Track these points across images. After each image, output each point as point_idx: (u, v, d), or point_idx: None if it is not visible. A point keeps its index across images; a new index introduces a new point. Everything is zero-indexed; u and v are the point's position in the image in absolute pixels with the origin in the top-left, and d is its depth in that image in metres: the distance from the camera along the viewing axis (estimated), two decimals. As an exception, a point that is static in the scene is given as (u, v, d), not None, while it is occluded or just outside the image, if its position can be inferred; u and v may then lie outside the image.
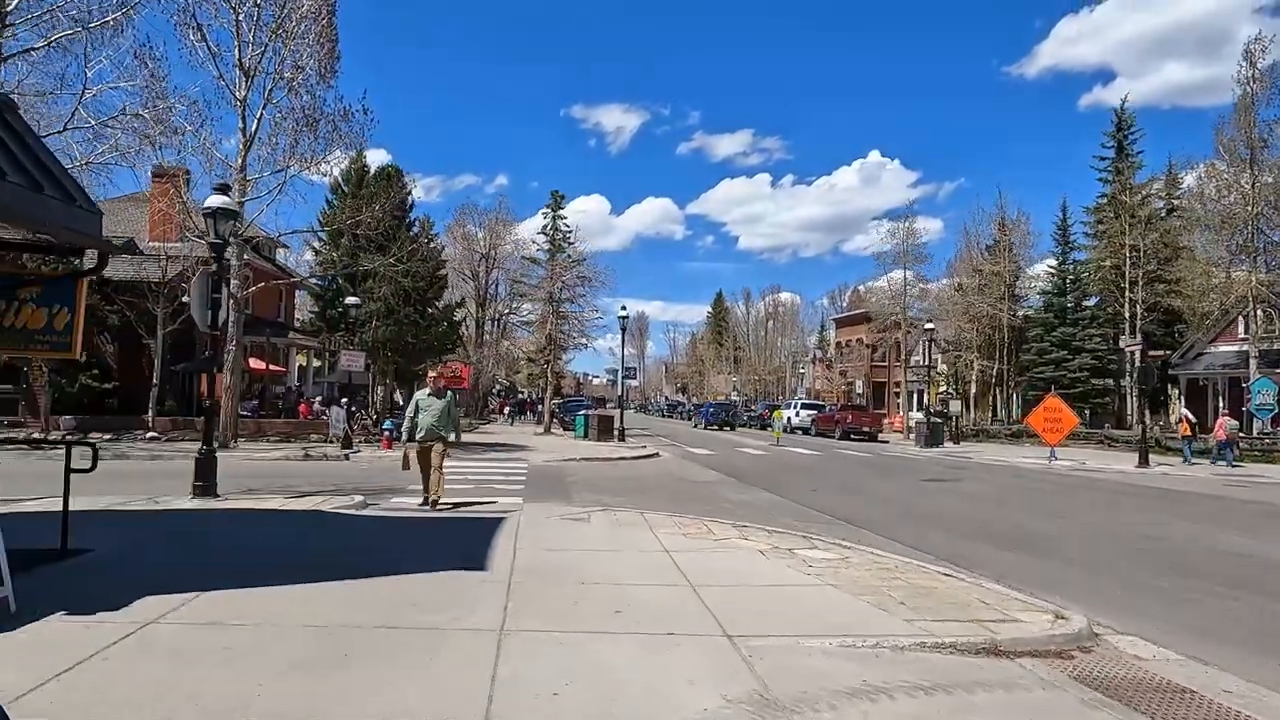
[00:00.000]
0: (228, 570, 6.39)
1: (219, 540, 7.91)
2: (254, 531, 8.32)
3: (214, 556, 7.11)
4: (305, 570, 6.41)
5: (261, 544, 7.64)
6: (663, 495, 14.11)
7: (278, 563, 6.79)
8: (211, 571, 6.35)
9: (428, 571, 6.47)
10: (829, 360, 79.17)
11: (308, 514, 9.77)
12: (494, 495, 13.22)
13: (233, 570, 6.38)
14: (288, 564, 6.75)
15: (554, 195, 45.28)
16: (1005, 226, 41.50)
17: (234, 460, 18.63)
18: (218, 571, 6.35)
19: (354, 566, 6.59)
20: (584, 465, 20.27)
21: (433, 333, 23.58)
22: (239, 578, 6.07)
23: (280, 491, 12.87)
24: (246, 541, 7.78)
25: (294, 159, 19.95)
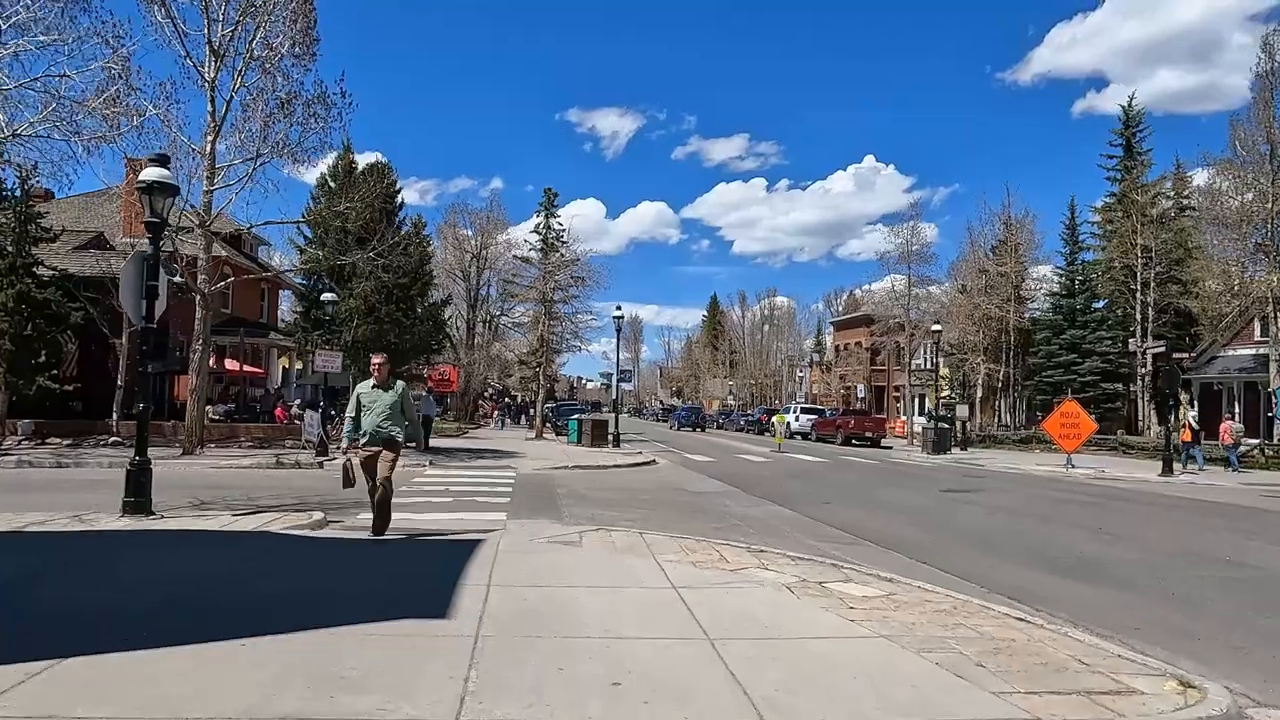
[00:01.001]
0: (118, 621, 5.01)
1: (130, 574, 6.52)
2: (176, 563, 6.92)
3: (112, 598, 5.72)
4: (219, 621, 5.03)
5: (177, 581, 6.24)
6: (663, 510, 12.75)
7: (186, 610, 5.40)
8: (96, 623, 4.98)
9: (376, 620, 5.10)
10: (826, 364, 77.99)
11: (253, 537, 8.37)
12: (475, 509, 11.84)
13: (124, 622, 5.00)
14: (198, 612, 5.37)
15: (547, 193, 44.02)
16: (1011, 226, 40.30)
17: (196, 468, 17.21)
18: (105, 623, 4.97)
19: (283, 615, 5.22)
20: (576, 474, 18.89)
21: (417, 332, 22.15)
22: (127, 633, 4.69)
23: (233, 505, 11.47)
24: (162, 577, 6.39)
25: (266, 144, 18.56)
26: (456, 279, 54.00)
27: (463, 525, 10.12)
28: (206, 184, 19.11)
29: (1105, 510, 14.25)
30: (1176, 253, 35.40)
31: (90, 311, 22.58)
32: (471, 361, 51.17)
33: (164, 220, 9.38)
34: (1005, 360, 39.00)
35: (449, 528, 9.94)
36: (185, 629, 4.84)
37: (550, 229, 41.90)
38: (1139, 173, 37.73)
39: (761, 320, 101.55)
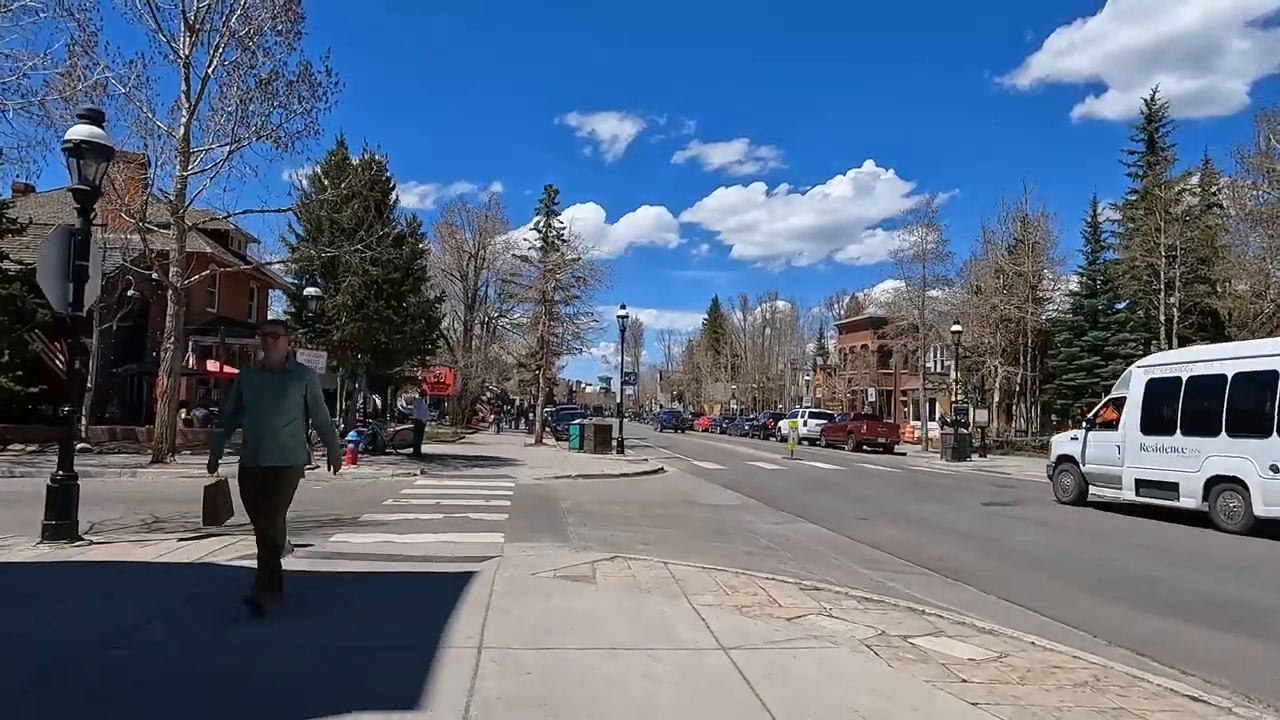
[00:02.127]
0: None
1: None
2: (74, 614, 5.40)
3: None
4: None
5: (54, 649, 4.72)
6: (682, 528, 11.24)
7: (39, 700, 3.90)
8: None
9: (316, 717, 3.60)
10: (830, 368, 76.55)
11: (191, 571, 6.86)
12: (468, 528, 10.33)
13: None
14: (59, 701, 3.86)
15: (548, 190, 42.48)
16: (1028, 224, 38.84)
17: (163, 478, 15.69)
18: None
19: (174, 711, 3.71)
20: (580, 485, 17.38)
21: (409, 331, 20.64)
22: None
23: (190, 525, 9.95)
24: (42, 640, 4.86)
25: (244, 125, 17.02)
26: (454, 279, 52.50)
27: (452, 550, 8.62)
28: (180, 169, 17.59)
29: (1170, 531, 12.74)
30: (1202, 251, 33.95)
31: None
32: (469, 364, 49.64)
33: (95, 188, 7.88)
34: (1023, 363, 37.50)
35: (436, 552, 8.44)
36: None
37: (551, 227, 40.40)
38: (1162, 169, 36.28)
39: (763, 323, 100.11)
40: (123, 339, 23.83)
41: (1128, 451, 14.18)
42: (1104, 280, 37.13)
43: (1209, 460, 12.64)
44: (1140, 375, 14.47)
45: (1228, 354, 13.43)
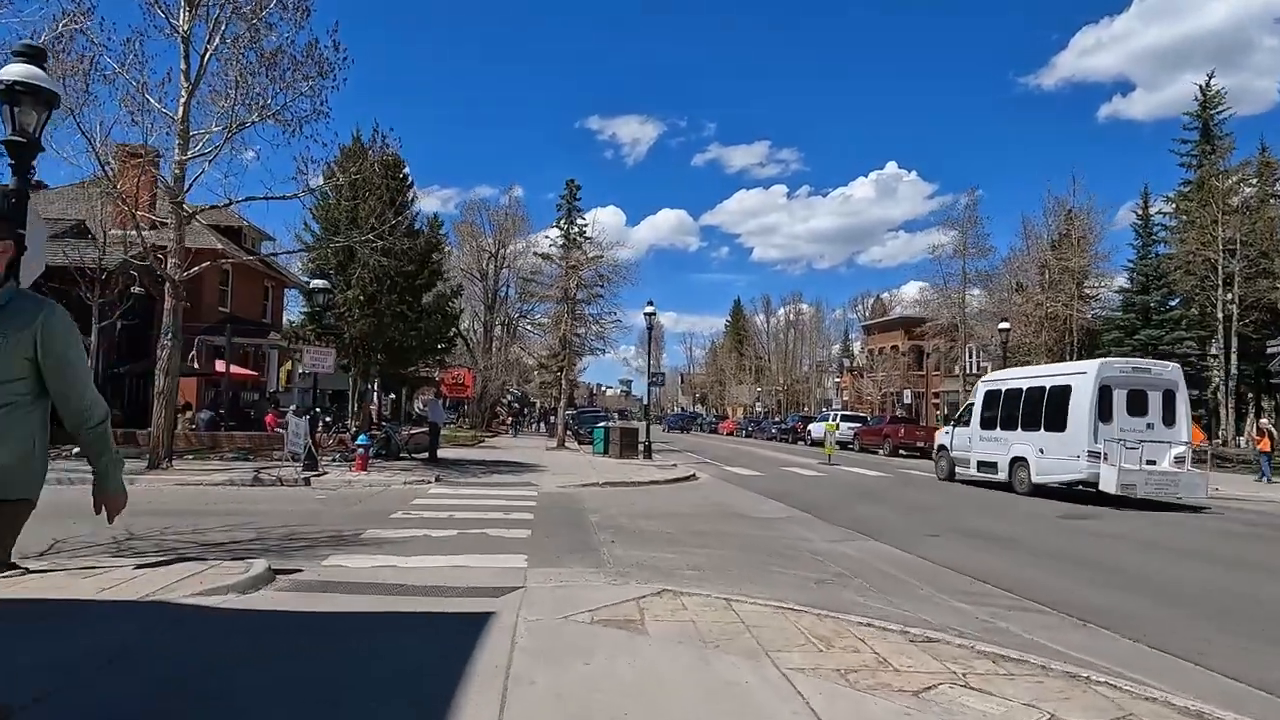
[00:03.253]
0: None
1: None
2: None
3: None
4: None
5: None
6: (730, 546, 9.74)
7: None
8: None
9: None
10: (858, 369, 74.67)
11: (132, 613, 5.46)
12: (485, 548, 8.89)
13: None
14: None
15: (569, 185, 41.14)
16: (1074, 218, 36.93)
17: (155, 486, 14.40)
18: None
19: None
20: (609, 494, 15.93)
21: (424, 327, 19.29)
22: None
23: (160, 546, 8.61)
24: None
25: (245, 103, 15.74)
26: (474, 280, 51.41)
27: (465, 577, 7.19)
28: (179, 153, 16.37)
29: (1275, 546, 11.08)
30: (1264, 244, 31.94)
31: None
32: (489, 366, 48.44)
33: (34, 140, 6.54)
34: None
35: (446, 580, 7.02)
36: None
37: (573, 223, 39.05)
38: (1219, 157, 34.27)
39: (786, 325, 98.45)
40: (126, 337, 22.73)
41: (973, 441, 19.74)
42: (1156, 276, 35.14)
43: (1012, 446, 18.16)
44: (981, 387, 20.44)
45: (1027, 374, 19.72)
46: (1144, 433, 16.17)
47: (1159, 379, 16.93)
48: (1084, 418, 16.18)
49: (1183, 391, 16.91)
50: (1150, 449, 15.91)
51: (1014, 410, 18.26)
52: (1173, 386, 16.82)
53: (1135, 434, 15.96)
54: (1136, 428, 16.18)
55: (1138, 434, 15.99)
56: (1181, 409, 16.70)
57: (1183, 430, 16.63)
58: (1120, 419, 16.19)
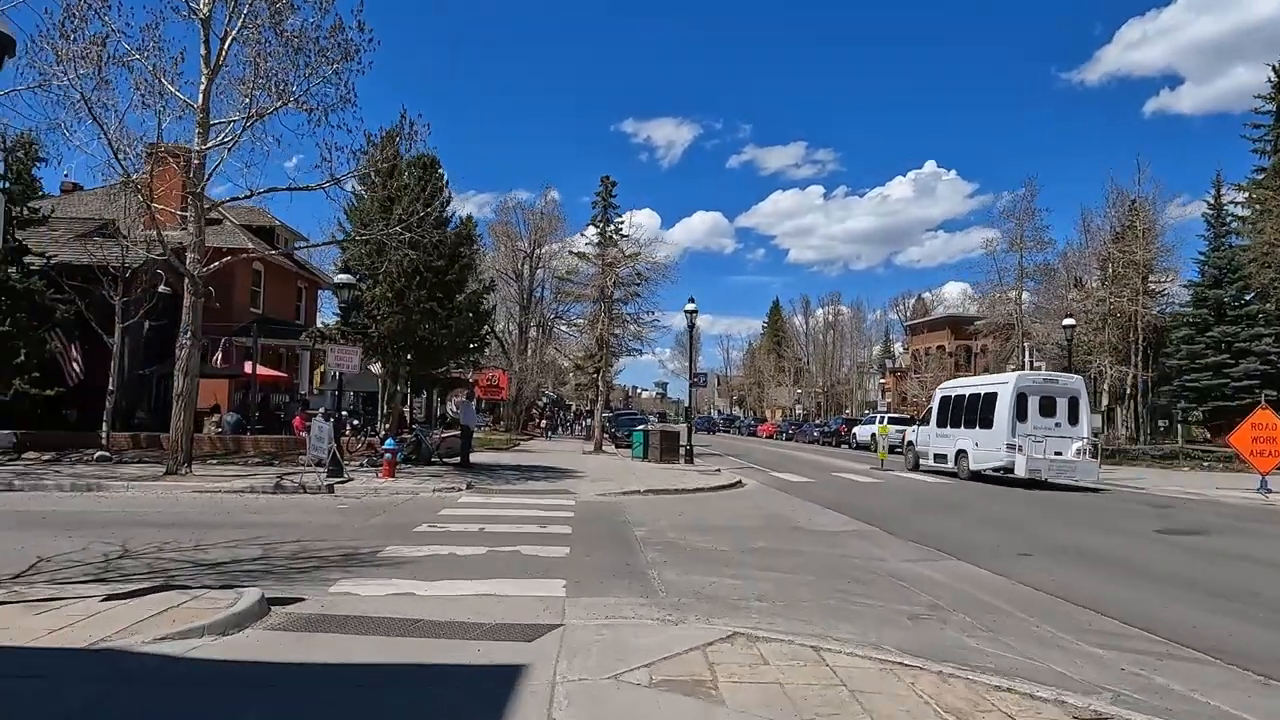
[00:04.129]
0: None
1: None
2: None
3: None
4: None
5: None
6: (798, 569, 8.47)
7: None
8: None
9: None
10: (901, 370, 72.59)
11: (78, 665, 4.39)
12: (516, 570, 7.74)
13: None
14: None
15: (604, 182, 39.94)
16: (1138, 208, 34.87)
17: (169, 495, 13.54)
18: None
19: None
20: (652, 502, 14.74)
21: (454, 325, 18.27)
22: None
23: (152, 566, 7.62)
24: None
25: (265, 87, 14.85)
26: (509, 280, 50.55)
27: (493, 610, 6.05)
28: (199, 142, 15.58)
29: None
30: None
31: (79, 304, 19.32)
32: (524, 367, 47.53)
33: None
34: (1134, 362, 33.52)
35: (470, 615, 5.89)
36: None
37: (609, 221, 37.94)
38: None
39: (825, 326, 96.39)
40: (154, 338, 22.08)
41: (930, 438, 23.55)
42: (1229, 269, 32.97)
43: (957, 441, 21.86)
44: (938, 393, 24.54)
45: (969, 383, 24.06)
46: (1052, 430, 19.90)
47: (1065, 388, 20.68)
48: (1005, 418, 20.02)
49: (1084, 398, 20.69)
50: (1056, 443, 19.76)
51: (959, 413, 22.42)
52: (1076, 394, 20.51)
53: (1044, 431, 19.78)
54: (1047, 426, 19.92)
55: (1045, 431, 19.80)
56: (1083, 412, 20.38)
57: (1084, 428, 20.32)
58: (1033, 419, 19.94)
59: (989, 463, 20.42)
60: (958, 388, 23.97)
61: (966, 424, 21.75)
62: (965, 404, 22.22)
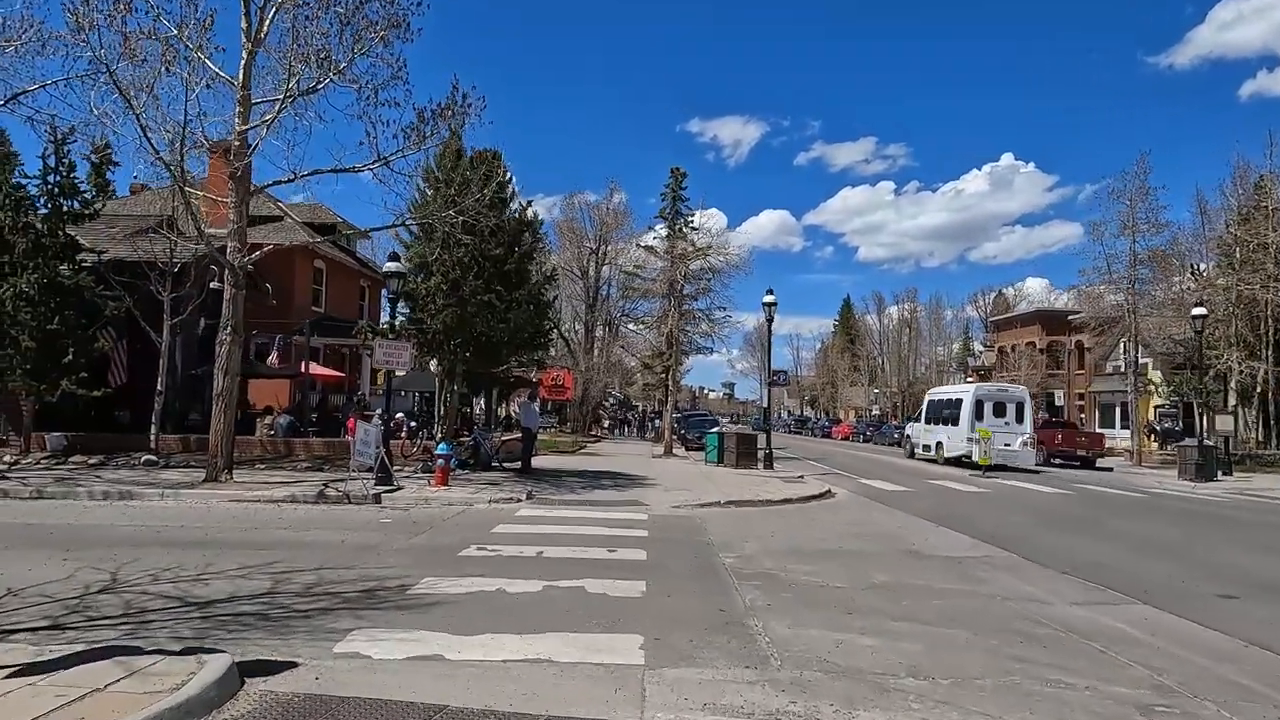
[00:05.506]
0: None
1: None
2: None
3: None
4: None
5: None
6: (934, 614, 6.49)
7: None
8: None
9: None
10: (983, 369, 68.65)
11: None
12: (578, 618, 5.98)
13: None
14: None
15: (674, 173, 38.32)
16: (1266, 187, 31.24)
17: (202, 504, 12.30)
18: None
19: None
20: (736, 517, 12.87)
21: (513, 318, 16.71)
22: None
23: (130, 605, 6.16)
24: None
25: (300, 55, 13.53)
26: (574, 277, 49.25)
27: (544, 696, 4.32)
28: (240, 122, 14.40)
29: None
30: None
31: (128, 301, 18.50)
32: (590, 367, 46.08)
33: None
34: (1264, 356, 29.93)
35: (512, 703, 4.16)
36: None
37: (679, 214, 36.17)
38: None
39: (900, 324, 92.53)
40: (208, 336, 21.23)
41: (920, 433, 29.98)
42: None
43: (938, 435, 27.84)
44: (926, 397, 32.11)
45: (945, 391, 31.36)
46: (1002, 428, 25.50)
47: (1013, 396, 27.27)
48: (967, 418, 25.82)
49: (1028, 404, 27.03)
50: (1005, 437, 25.32)
51: (938, 413, 28.85)
52: (1021, 400, 26.82)
53: (994, 427, 25.26)
54: (997, 423, 25.61)
55: (996, 427, 25.29)
56: (1027, 414, 26.45)
57: (1027, 426, 26.20)
58: (988, 419, 25.67)
59: (956, 451, 26.16)
60: (938, 394, 31.22)
61: (941, 422, 28.06)
62: (942, 406, 28.65)
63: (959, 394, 28.02)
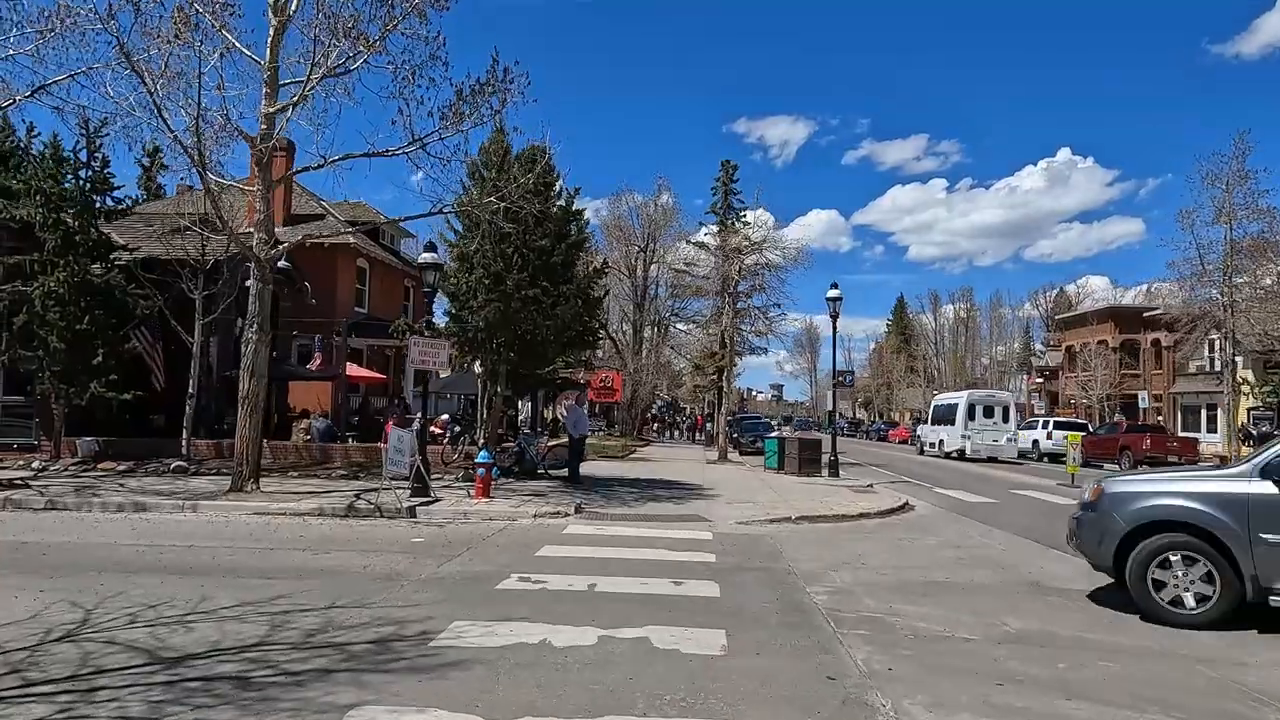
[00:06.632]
0: None
1: None
2: None
3: None
4: None
5: None
6: (1122, 691, 4.90)
7: None
8: None
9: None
10: (1049, 369, 65.52)
11: None
12: (644, 692, 4.56)
13: None
14: None
15: (725, 166, 37.15)
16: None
17: (222, 517, 11.22)
18: None
19: None
20: (810, 535, 11.32)
21: (560, 315, 15.40)
22: None
23: (86, 659, 4.91)
24: None
25: (327, 26, 12.41)
26: (622, 276, 47.95)
27: None
28: (266, 104, 13.36)
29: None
30: None
31: (159, 299, 17.70)
32: (638, 369, 44.72)
33: None
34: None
35: None
36: None
37: (730, 208, 34.67)
38: None
39: (957, 324, 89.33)
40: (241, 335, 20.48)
41: (927, 432, 36.13)
42: None
43: (940, 434, 33.45)
44: (933, 401, 39.99)
45: (946, 397, 37.64)
46: (990, 427, 30.95)
47: (999, 400, 33.14)
48: (961, 419, 31.27)
49: (1013, 407, 33.38)
50: (992, 434, 30.78)
51: (941, 414, 34.26)
52: (1008, 404, 32.99)
53: (985, 428, 30.88)
54: (987, 424, 31.04)
55: (986, 428, 30.89)
56: (1012, 415, 32.23)
57: (1012, 426, 31.71)
58: (979, 419, 31.17)
59: (952, 447, 31.66)
60: (941, 399, 37.61)
61: (944, 422, 33.42)
62: (943, 409, 34.65)
63: (956, 399, 33.91)
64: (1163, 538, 6.53)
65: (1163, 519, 6.59)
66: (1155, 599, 6.54)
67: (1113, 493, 7.09)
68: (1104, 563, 6.98)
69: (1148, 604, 6.58)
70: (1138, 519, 6.67)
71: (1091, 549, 7.10)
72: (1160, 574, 6.53)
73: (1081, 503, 7.56)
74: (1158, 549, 6.54)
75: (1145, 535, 6.62)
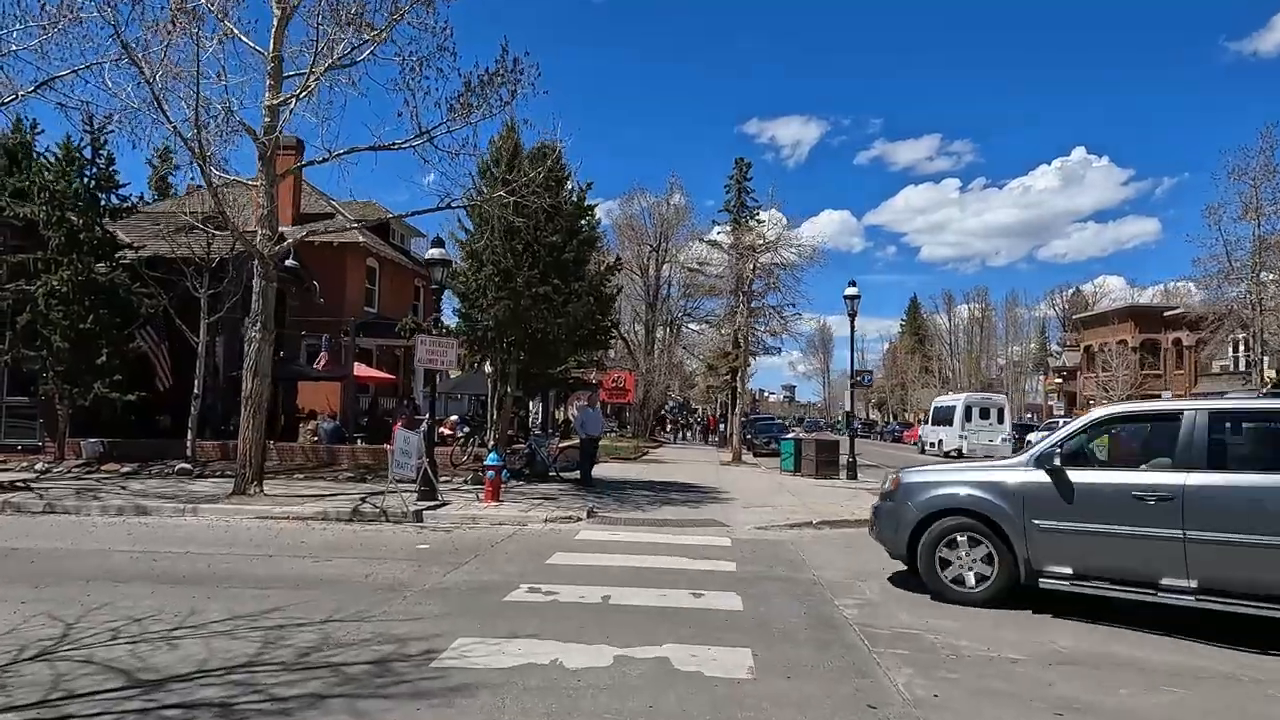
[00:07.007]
0: None
1: None
2: None
3: None
4: None
5: None
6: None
7: None
8: None
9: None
10: (1066, 369, 64.65)
11: None
12: (664, 703, 4.15)
13: None
14: None
15: (738, 164, 36.74)
16: None
17: (223, 521, 10.85)
18: None
19: None
20: (836, 541, 10.84)
21: (571, 313, 14.97)
22: None
23: (58, 680, 4.51)
24: None
25: (335, 19, 12.05)
26: (633, 276, 47.50)
27: None
28: (269, 95, 12.99)
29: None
30: None
31: (163, 298, 17.39)
32: (650, 369, 44.24)
33: None
34: None
35: None
36: None
37: (744, 205, 34.16)
38: None
39: (971, 324, 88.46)
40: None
41: (928, 433, 38.40)
42: None
43: (940, 434, 35.39)
44: (933, 403, 41.48)
45: (944, 399, 39.96)
46: (985, 428, 33.04)
47: (994, 402, 35.00)
48: (958, 419, 33.68)
49: (1008, 408, 35.29)
50: (988, 435, 32.50)
51: (940, 416, 36.59)
52: (1002, 405, 34.71)
53: (981, 428, 33.00)
54: (983, 424, 33.22)
55: (981, 428, 33.01)
56: (1006, 416, 34.21)
57: (1006, 426, 33.58)
58: (975, 420, 33.46)
59: (949, 446, 33.07)
60: (940, 401, 39.37)
61: (942, 423, 35.60)
62: (942, 411, 36.71)
63: (954, 401, 36.20)
64: (950, 519, 7.02)
65: (951, 507, 7.07)
66: (940, 576, 7.04)
67: (908, 483, 7.55)
68: (899, 550, 7.41)
69: (934, 582, 7.08)
70: (929, 507, 7.15)
71: (889, 537, 7.54)
72: (946, 553, 7.04)
73: (881, 493, 7.97)
74: (945, 530, 7.03)
75: (935, 521, 7.14)
